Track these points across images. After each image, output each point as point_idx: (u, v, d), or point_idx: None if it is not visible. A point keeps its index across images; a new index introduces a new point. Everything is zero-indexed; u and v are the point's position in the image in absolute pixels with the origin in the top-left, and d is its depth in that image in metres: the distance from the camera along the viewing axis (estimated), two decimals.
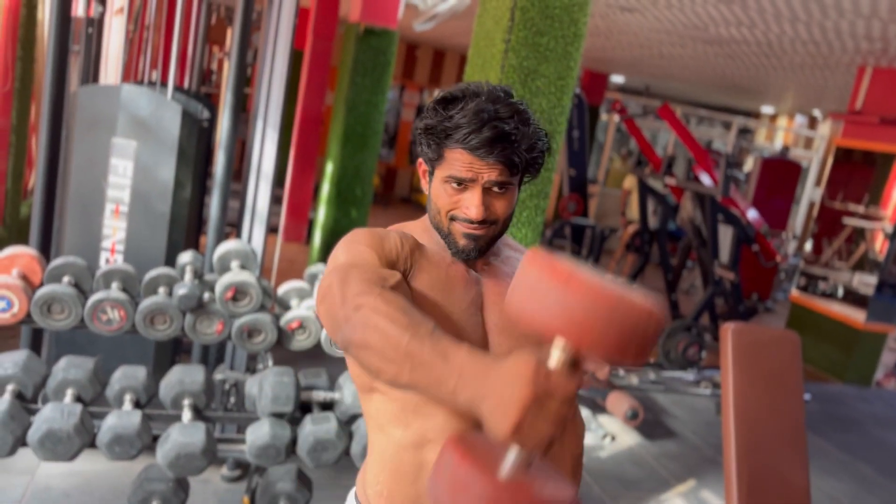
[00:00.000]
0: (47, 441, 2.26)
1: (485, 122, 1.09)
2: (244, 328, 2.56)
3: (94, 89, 3.12)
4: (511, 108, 1.12)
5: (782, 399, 2.75)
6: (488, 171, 1.12)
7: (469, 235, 1.17)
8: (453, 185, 1.15)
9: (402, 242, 1.17)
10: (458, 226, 1.17)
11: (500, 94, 1.14)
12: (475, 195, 1.14)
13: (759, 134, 13.68)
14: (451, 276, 1.19)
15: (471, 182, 1.14)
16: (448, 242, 1.20)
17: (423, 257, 1.19)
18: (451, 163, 1.14)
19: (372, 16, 5.32)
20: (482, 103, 1.11)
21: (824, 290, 6.92)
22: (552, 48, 2.54)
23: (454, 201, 1.16)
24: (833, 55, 6.35)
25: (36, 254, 2.56)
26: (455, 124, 1.11)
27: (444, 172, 1.15)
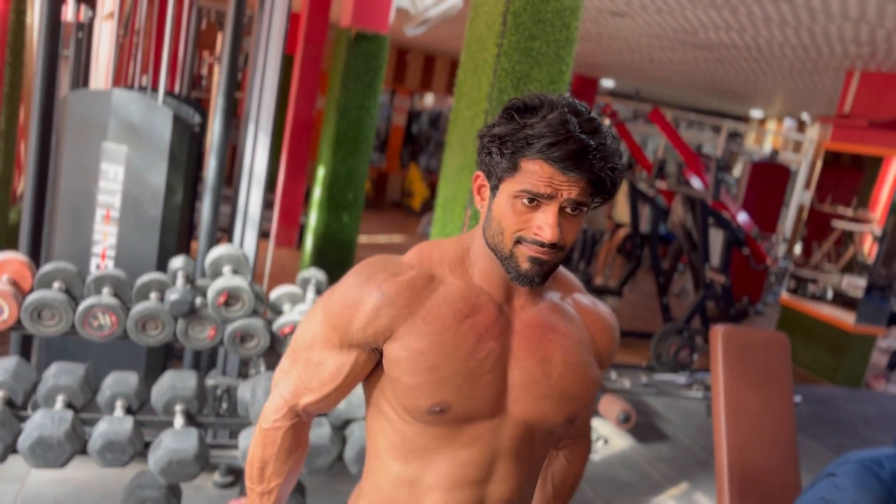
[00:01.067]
0: (38, 448, 2.25)
1: (571, 133, 0.99)
2: (237, 333, 2.55)
3: (84, 94, 3.11)
4: (594, 123, 1.03)
5: (773, 400, 2.76)
6: (568, 188, 1.01)
7: (535, 259, 1.04)
8: (524, 202, 1.02)
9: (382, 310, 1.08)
10: (525, 248, 1.04)
11: (582, 108, 1.05)
12: (551, 214, 1.02)
13: (749, 137, 13.77)
14: (464, 327, 1.09)
15: (548, 200, 1.01)
16: (507, 266, 1.07)
17: (424, 309, 1.09)
18: (528, 175, 1.01)
19: (363, 20, 5.32)
20: (566, 114, 1.01)
21: (814, 292, 6.96)
22: (544, 52, 2.55)
23: (523, 220, 1.03)
24: (822, 59, 6.39)
25: (26, 259, 2.55)
26: (538, 133, 1.00)
27: (517, 186, 1.02)
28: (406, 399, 1.09)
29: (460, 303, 1.10)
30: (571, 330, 1.16)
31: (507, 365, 1.11)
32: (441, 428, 1.10)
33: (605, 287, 6.81)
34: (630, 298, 8.24)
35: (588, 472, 3.84)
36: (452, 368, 1.06)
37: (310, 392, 1.16)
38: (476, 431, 1.11)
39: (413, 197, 12.21)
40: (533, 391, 1.11)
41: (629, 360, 5.92)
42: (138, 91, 3.46)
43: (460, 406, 1.08)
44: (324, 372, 1.14)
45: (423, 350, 1.07)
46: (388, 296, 1.08)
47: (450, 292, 1.11)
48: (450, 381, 1.06)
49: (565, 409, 1.13)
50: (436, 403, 1.07)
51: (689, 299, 7.93)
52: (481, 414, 1.10)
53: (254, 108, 3.19)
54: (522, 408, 1.11)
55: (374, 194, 12.51)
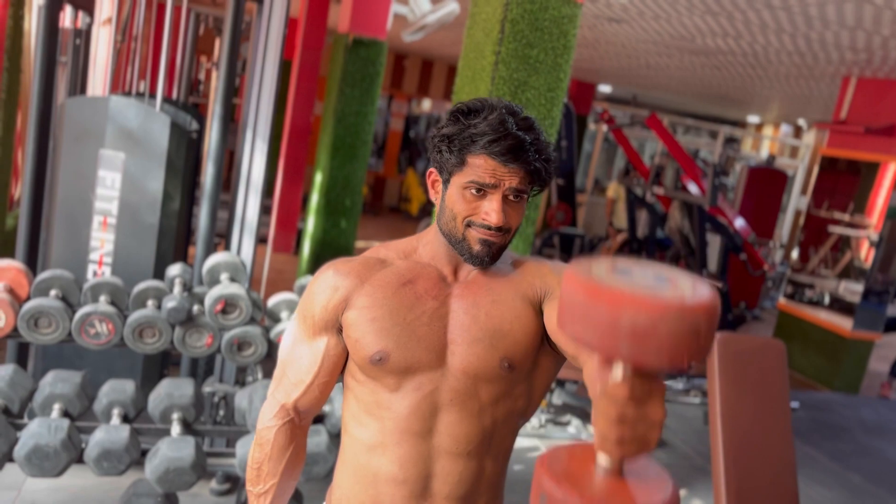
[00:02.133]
0: (34, 457, 2.24)
1: (508, 131, 1.15)
2: (234, 341, 2.55)
3: (81, 101, 3.11)
4: (528, 121, 1.19)
5: (769, 407, 2.76)
6: (509, 177, 1.16)
7: (485, 241, 1.19)
8: (473, 192, 1.18)
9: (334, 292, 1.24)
10: (475, 232, 1.19)
11: (517, 109, 1.21)
12: (496, 201, 1.17)
13: (746, 143, 13.79)
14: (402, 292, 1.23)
15: (492, 189, 1.17)
16: (461, 249, 1.22)
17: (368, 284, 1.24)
18: (474, 169, 1.17)
19: (361, 26, 5.32)
20: (504, 115, 1.17)
21: (811, 297, 6.97)
22: (542, 60, 2.55)
23: (472, 207, 1.19)
24: (818, 66, 6.41)
25: (23, 267, 2.54)
26: (480, 132, 1.16)
27: (465, 179, 1.18)
28: (355, 353, 1.22)
29: (404, 273, 1.25)
30: (507, 283, 1.27)
31: (447, 322, 1.23)
32: (386, 380, 1.20)
33: None
34: None
35: None
36: (391, 320, 1.20)
37: (295, 387, 1.28)
38: (418, 382, 1.20)
39: (410, 202, 12.20)
40: (465, 337, 1.21)
41: None
42: (136, 97, 3.45)
43: (398, 355, 1.19)
44: (303, 364, 1.27)
45: (369, 306, 1.21)
46: (342, 272, 1.24)
47: (396, 267, 1.26)
48: (388, 330, 1.19)
49: (498, 348, 1.21)
50: (377, 352, 1.19)
51: None
52: (420, 364, 1.20)
53: (251, 115, 3.19)
54: (459, 357, 1.21)
55: (372, 199, 12.51)
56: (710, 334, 0.80)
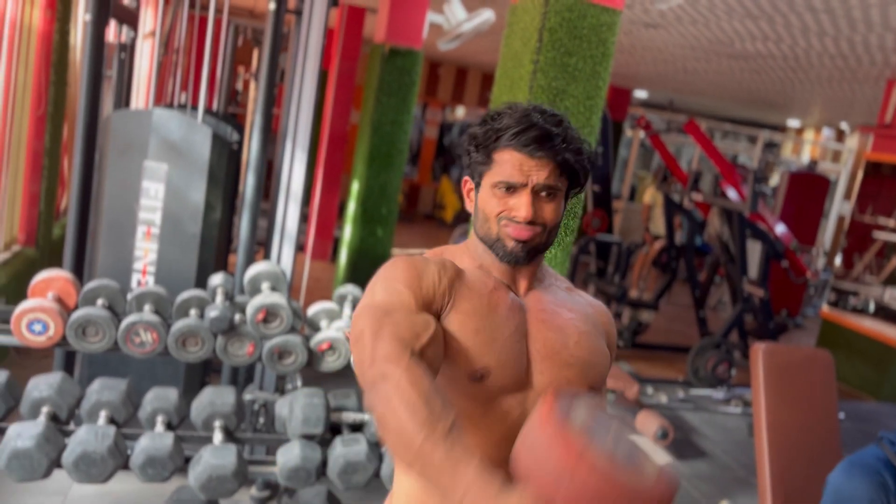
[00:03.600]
0: (81, 463, 2.28)
1: (534, 122, 1.14)
2: (275, 350, 2.58)
3: (126, 114, 3.17)
4: (556, 117, 1.17)
5: (817, 420, 2.70)
6: (537, 171, 1.14)
7: (518, 239, 1.16)
8: (502, 190, 1.16)
9: (441, 275, 1.16)
10: (507, 228, 1.16)
11: (544, 107, 1.19)
12: (525, 196, 1.15)
13: (786, 147, 13.55)
14: (493, 302, 1.17)
15: (521, 186, 1.14)
16: (496, 248, 1.19)
17: (464, 285, 1.18)
18: (501, 166, 1.15)
19: (397, 36, 5.36)
20: (529, 111, 1.16)
21: (855, 305, 6.81)
22: (581, 68, 2.54)
23: (503, 204, 1.16)
24: (861, 68, 6.28)
25: (71, 277, 2.60)
26: (504, 125, 1.15)
27: (493, 179, 1.16)
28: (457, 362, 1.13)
29: (484, 280, 1.20)
30: (579, 308, 1.26)
31: (528, 339, 1.18)
32: (479, 398, 1.14)
33: (640, 300, 6.73)
34: (666, 311, 8.15)
35: None
36: (491, 333, 1.14)
37: (417, 337, 1.07)
38: (508, 405, 1.15)
39: (445, 209, 12.22)
40: (556, 360, 1.17)
41: (666, 375, 5.85)
42: (178, 109, 3.52)
43: (498, 374, 1.14)
44: (416, 322, 1.09)
45: (470, 313, 1.15)
46: (441, 267, 1.17)
47: (472, 274, 1.21)
48: (491, 345, 1.14)
49: (587, 376, 1.19)
50: (480, 368, 1.13)
51: (726, 312, 7.81)
52: (512, 385, 1.15)
53: (291, 125, 3.23)
54: (548, 378, 1.17)
55: (407, 207, 12.56)
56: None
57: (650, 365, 6.07)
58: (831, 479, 1.72)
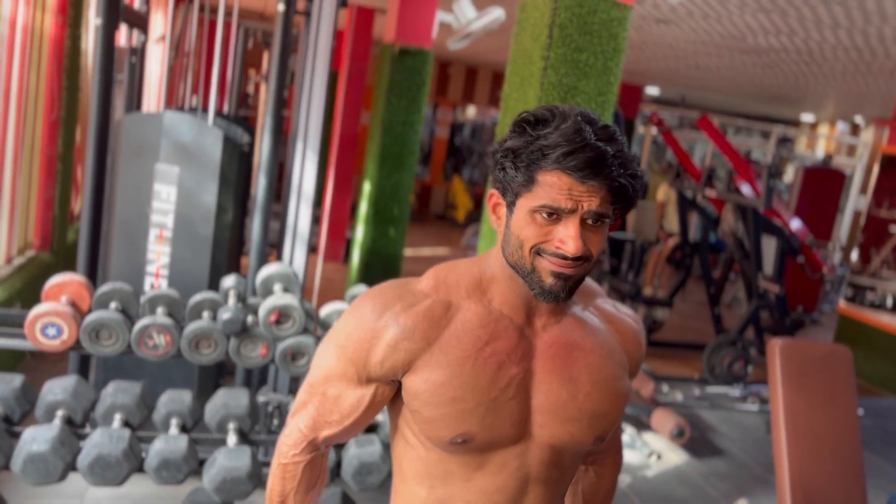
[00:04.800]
0: (97, 466, 2.29)
1: (587, 141, 0.96)
2: (288, 351, 2.57)
3: (138, 117, 3.18)
4: (608, 130, 1.00)
5: (836, 417, 2.67)
6: (588, 198, 0.97)
7: (559, 275, 1.01)
8: (544, 216, 0.99)
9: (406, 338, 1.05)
10: (546, 263, 1.00)
11: (594, 116, 1.02)
12: (573, 227, 0.98)
13: (800, 142, 13.44)
14: (484, 357, 1.05)
15: (568, 213, 0.98)
16: (530, 282, 1.03)
17: (447, 340, 1.05)
18: (545, 189, 0.98)
19: (406, 36, 5.35)
20: (580, 123, 0.98)
21: (873, 300, 6.74)
22: (592, 64, 2.52)
23: (544, 233, 1.00)
24: (876, 61, 6.21)
25: (84, 280, 2.60)
26: (553, 143, 0.97)
27: (534, 202, 0.99)
28: (427, 430, 1.07)
29: (479, 330, 1.06)
30: (597, 344, 1.12)
31: (531, 388, 1.08)
32: (465, 456, 1.08)
33: (655, 298, 6.69)
34: (680, 309, 8.09)
35: (642, 489, 3.76)
36: (474, 399, 1.03)
37: (329, 426, 1.13)
38: (502, 458, 1.08)
39: (457, 209, 12.21)
40: (560, 414, 1.08)
41: (681, 373, 5.81)
42: (189, 112, 3.53)
43: (484, 436, 1.05)
44: (343, 405, 1.11)
45: (444, 382, 1.03)
46: (406, 329, 1.04)
47: (468, 319, 1.07)
48: (472, 411, 1.03)
49: (595, 429, 1.11)
50: (458, 435, 1.04)
51: (742, 309, 7.75)
52: (506, 441, 1.07)
53: (301, 127, 3.23)
54: (550, 432, 1.08)
55: (418, 207, 12.55)
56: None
57: (665, 363, 6.03)
58: None
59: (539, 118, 1.01)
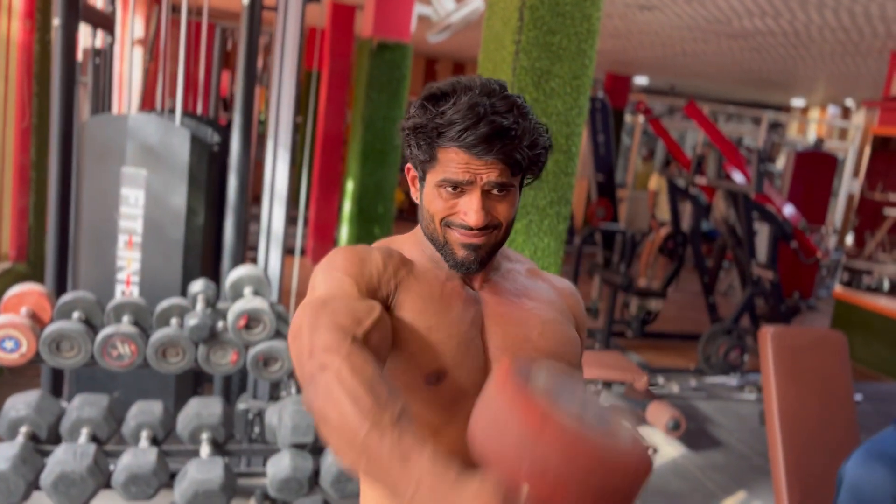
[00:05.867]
0: (60, 484, 2.19)
1: (481, 116, 0.98)
2: (259, 357, 2.47)
3: (101, 119, 3.08)
4: (508, 101, 1.00)
5: (832, 403, 2.58)
6: (487, 171, 1.00)
7: (468, 245, 1.04)
8: (448, 190, 1.03)
9: (386, 262, 1.05)
10: (456, 234, 1.04)
11: (495, 86, 1.02)
12: (474, 199, 1.01)
13: (791, 128, 13.36)
14: (445, 294, 1.06)
15: (468, 185, 1.01)
16: (445, 254, 1.07)
17: (411, 275, 1.07)
18: (446, 164, 1.01)
19: (384, 30, 5.25)
20: (476, 97, 0.99)
21: (869, 284, 6.66)
22: (565, 47, 2.42)
23: (449, 206, 1.03)
24: (864, 41, 6.12)
25: (45, 290, 2.50)
26: (448, 121, 0.99)
27: (438, 176, 1.03)
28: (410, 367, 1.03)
29: (435, 272, 1.09)
30: (538, 293, 1.14)
31: (486, 333, 1.08)
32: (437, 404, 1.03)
33: (649, 289, 6.60)
34: (675, 299, 8.00)
35: None
36: (446, 330, 1.03)
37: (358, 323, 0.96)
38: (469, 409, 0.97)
39: None
40: (518, 354, 1.06)
41: (677, 364, 5.72)
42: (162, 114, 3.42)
43: (455, 375, 1.03)
44: (359, 308, 0.98)
45: (422, 310, 1.04)
46: (386, 255, 1.07)
47: (422, 265, 1.09)
48: (445, 343, 1.03)
49: None
50: (435, 369, 1.02)
51: (737, 297, 7.67)
52: (472, 387, 1.01)
53: (272, 125, 3.13)
54: None
55: (409, 206, 12.45)
56: (637, 494, 0.73)
57: (660, 354, 5.94)
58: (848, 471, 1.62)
59: (441, 93, 1.03)
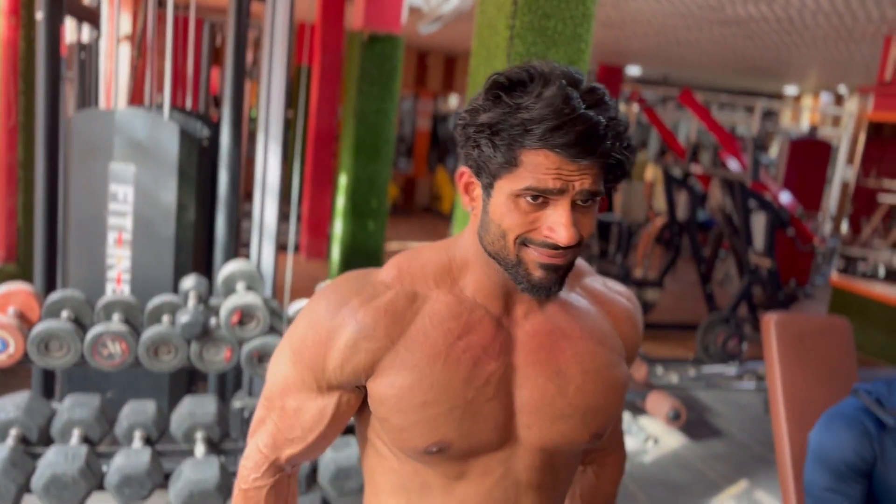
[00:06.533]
0: (52, 487, 2.14)
1: (576, 111, 0.81)
2: (254, 353, 2.42)
3: (88, 114, 3.02)
4: (596, 94, 0.85)
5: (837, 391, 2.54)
6: (580, 177, 0.84)
7: (549, 266, 0.88)
8: (528, 200, 0.85)
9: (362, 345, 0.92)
10: (535, 254, 0.87)
11: (578, 76, 0.86)
12: (563, 212, 0.85)
13: (784, 116, 13.34)
14: (456, 353, 0.92)
15: (558, 195, 0.84)
16: (516, 276, 0.90)
17: (413, 336, 0.92)
18: (531, 169, 0.84)
19: (375, 22, 5.18)
20: (565, 87, 0.82)
21: (865, 271, 6.65)
22: (560, 31, 2.37)
23: (530, 220, 0.86)
24: (857, 26, 6.09)
25: (32, 289, 2.44)
26: (537, 116, 0.81)
27: (517, 185, 0.85)
28: (399, 440, 0.94)
29: (450, 322, 0.93)
30: (587, 329, 0.99)
31: (513, 386, 0.94)
32: (443, 466, 0.95)
33: (646, 279, 6.57)
34: (672, 289, 7.98)
35: (639, 476, 3.63)
36: (448, 402, 0.90)
37: (291, 443, 0.99)
38: (485, 465, 0.94)
39: (442, 200, 12.06)
40: (548, 412, 0.94)
41: (675, 354, 5.69)
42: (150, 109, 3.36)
43: (462, 442, 0.92)
44: (304, 419, 0.97)
45: (412, 385, 0.90)
46: (366, 326, 0.92)
47: (437, 311, 0.93)
48: (446, 416, 0.90)
49: (590, 426, 0.97)
50: (432, 444, 0.91)
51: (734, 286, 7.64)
52: (488, 446, 0.93)
53: (263, 119, 3.07)
54: (538, 433, 0.95)
55: (403, 201, 12.39)
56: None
57: (659, 345, 5.91)
58: (813, 437, 1.70)
59: (516, 81, 0.85)
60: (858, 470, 1.60)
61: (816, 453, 1.66)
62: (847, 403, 1.73)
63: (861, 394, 1.71)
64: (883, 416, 1.63)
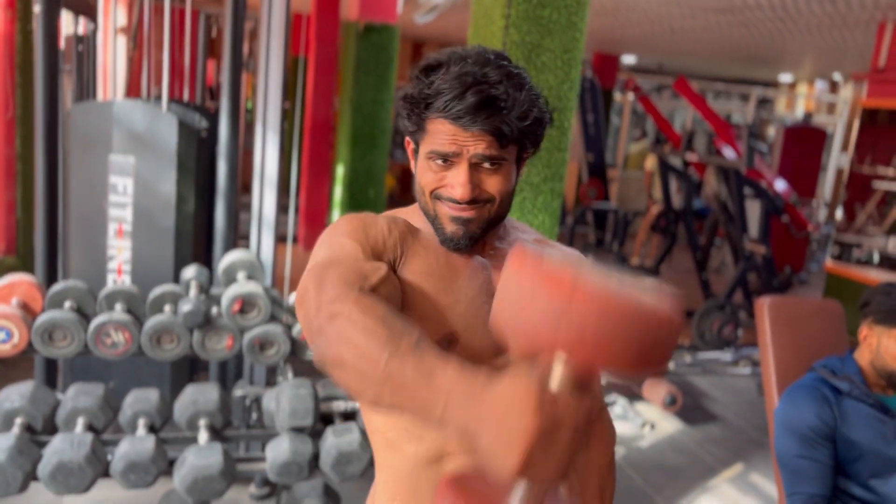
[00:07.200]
0: (59, 474, 2.17)
1: (468, 86, 0.95)
2: (255, 341, 2.45)
3: (86, 106, 3.04)
4: (501, 70, 0.97)
5: None
6: (474, 143, 0.97)
7: (457, 219, 1.02)
8: (437, 162, 1.00)
9: (391, 228, 1.04)
10: (445, 207, 1.02)
11: (490, 56, 0.99)
12: (461, 172, 0.99)
13: (779, 103, 13.36)
14: (452, 261, 1.05)
15: (455, 157, 0.99)
16: (435, 228, 1.05)
17: (417, 242, 1.06)
18: (434, 136, 0.99)
19: (371, 12, 5.19)
20: (468, 66, 0.97)
21: (859, 257, 6.69)
22: (555, 20, 2.39)
23: (438, 179, 1.01)
24: (851, 13, 6.11)
25: (35, 280, 2.47)
26: (435, 90, 0.97)
27: (427, 147, 1.01)
28: None
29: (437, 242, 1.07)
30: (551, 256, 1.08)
31: None
32: None
33: (642, 267, 6.60)
34: (668, 277, 8.02)
35: (636, 460, 3.68)
36: (454, 295, 1.03)
37: (365, 278, 0.94)
38: None
39: None
40: None
41: None
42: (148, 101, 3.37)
43: (466, 340, 1.01)
44: (365, 267, 0.96)
45: (427, 273, 1.03)
46: (389, 219, 1.06)
47: (429, 233, 1.08)
48: (453, 308, 1.02)
49: None
50: (444, 336, 1.00)
51: (729, 273, 7.69)
52: (486, 352, 1.01)
53: (260, 109, 3.09)
54: None
55: (400, 190, 12.40)
56: (674, 346, 0.71)
57: None
58: (777, 412, 1.85)
59: (436, 63, 1.01)
60: (823, 433, 1.76)
61: (784, 425, 1.81)
62: (805, 378, 1.90)
63: (817, 368, 1.90)
64: (837, 383, 1.82)
